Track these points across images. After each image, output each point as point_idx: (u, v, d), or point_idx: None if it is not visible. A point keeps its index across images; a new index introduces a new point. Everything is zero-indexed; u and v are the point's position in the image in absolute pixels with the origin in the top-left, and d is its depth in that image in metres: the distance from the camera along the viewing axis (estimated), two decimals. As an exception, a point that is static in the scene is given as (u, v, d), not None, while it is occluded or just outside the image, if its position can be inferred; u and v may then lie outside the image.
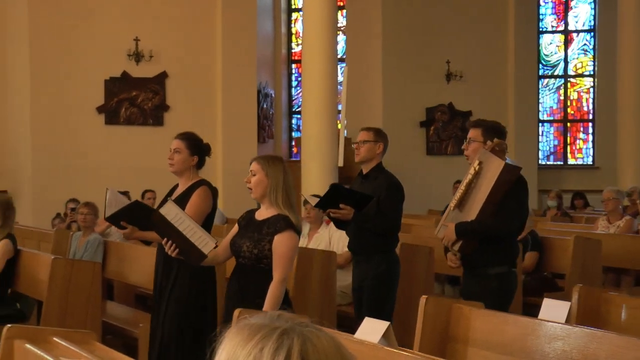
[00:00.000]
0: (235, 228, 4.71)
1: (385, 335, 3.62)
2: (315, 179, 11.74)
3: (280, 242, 4.43)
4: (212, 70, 13.94)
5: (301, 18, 14.47)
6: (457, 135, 15.63)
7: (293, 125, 16.76)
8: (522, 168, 5.18)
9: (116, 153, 13.31)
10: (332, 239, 7.76)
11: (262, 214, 4.58)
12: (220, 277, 5.77)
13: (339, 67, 13.11)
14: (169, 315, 5.17)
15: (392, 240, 5.90)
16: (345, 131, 12.48)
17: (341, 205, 5.61)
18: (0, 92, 13.85)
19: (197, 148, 5.39)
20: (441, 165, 15.44)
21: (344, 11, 15.83)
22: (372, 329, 3.71)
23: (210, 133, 13.82)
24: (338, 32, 13.42)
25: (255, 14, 14.45)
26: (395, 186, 5.82)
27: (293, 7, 16.96)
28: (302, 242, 7.76)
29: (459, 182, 13.90)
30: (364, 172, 5.93)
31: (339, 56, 13.55)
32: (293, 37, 16.85)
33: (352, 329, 5.77)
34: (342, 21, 15.58)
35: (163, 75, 13.76)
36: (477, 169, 5.06)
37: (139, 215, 5.05)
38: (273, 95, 16.05)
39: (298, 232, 4.53)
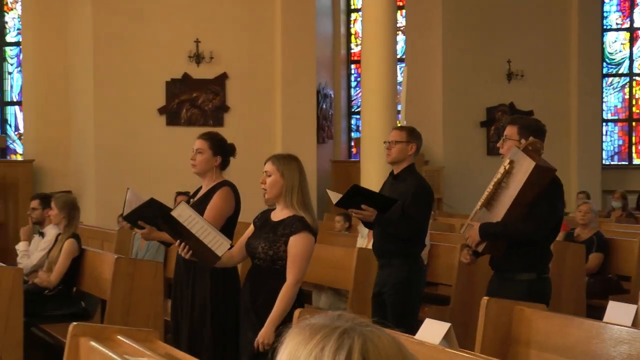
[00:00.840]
0: (251, 229, 4.66)
1: (446, 337, 3.58)
2: (374, 180, 11.65)
3: (296, 244, 4.38)
4: (272, 71, 13.95)
5: (360, 18, 14.44)
6: (519, 135, 15.38)
7: (352, 126, 16.71)
8: (557, 170, 4.96)
9: (177, 154, 13.38)
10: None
11: (278, 215, 4.53)
12: (243, 277, 5.77)
13: (398, 67, 13.02)
14: (190, 317, 5.11)
15: (416, 245, 5.66)
16: (405, 132, 12.38)
17: (363, 207, 5.44)
18: (65, 94, 14.07)
19: (221, 148, 5.29)
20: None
21: (404, 11, 15.72)
22: (432, 330, 3.66)
23: (270, 134, 13.89)
24: (397, 32, 13.33)
25: (314, 14, 14.42)
26: (422, 189, 5.61)
27: (352, 7, 16.92)
28: (363, 243, 7.72)
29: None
30: (395, 172, 5.73)
31: (398, 56, 13.45)
32: (352, 38, 16.81)
33: (412, 330, 5.76)
34: (401, 21, 15.47)
35: (223, 77, 13.83)
36: (507, 167, 4.85)
37: (157, 215, 4.92)
38: (332, 95, 16.03)
39: (314, 233, 4.46)
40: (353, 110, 16.67)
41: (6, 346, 5.65)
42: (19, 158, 14.80)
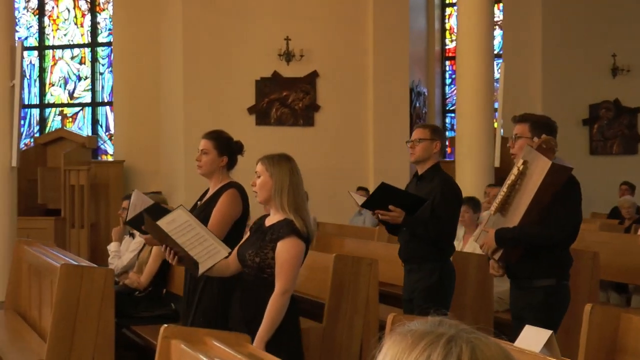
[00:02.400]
0: (248, 235, 4.40)
1: (547, 345, 3.44)
2: (470, 180, 11.42)
3: (283, 250, 4.07)
4: (364, 69, 13.68)
5: (455, 13, 14.06)
6: (624, 134, 14.82)
7: (447, 125, 16.32)
8: (574, 168, 4.57)
9: (267, 153, 13.22)
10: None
11: (271, 219, 4.25)
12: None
13: (495, 63, 12.66)
14: (197, 326, 4.77)
15: (446, 248, 5.39)
16: (502, 130, 12.06)
17: (390, 207, 5.17)
18: (155, 93, 14.09)
19: (226, 147, 5.05)
20: (606, 166, 14.67)
21: (501, 4, 15.30)
22: (533, 338, 3.52)
23: (362, 133, 13.60)
24: (494, 27, 12.95)
25: (407, 10, 14.11)
26: (451, 189, 5.37)
27: (447, 2, 16.55)
28: (457, 246, 7.53)
29: (626, 183, 13.18)
30: (419, 172, 5.47)
31: (495, 52, 13.03)
32: (447, 33, 16.42)
33: (510, 337, 5.42)
34: (498, 15, 15.04)
35: (314, 75, 13.60)
36: (521, 168, 4.51)
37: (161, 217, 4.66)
38: (426, 93, 15.69)
39: (304, 238, 4.12)
40: (448, 108, 16.30)
41: (98, 347, 5.67)
42: (110, 159, 14.90)
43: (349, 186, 5.34)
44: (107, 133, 15.30)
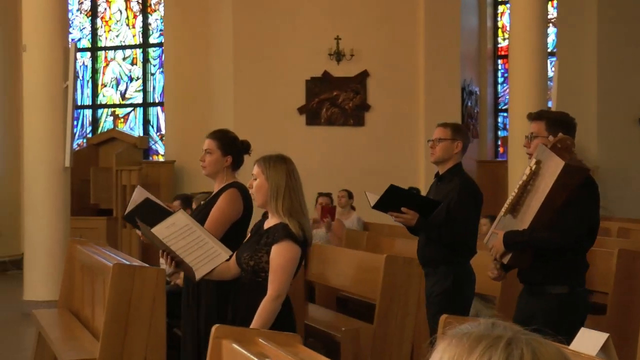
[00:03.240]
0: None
1: (604, 348, 3.31)
2: None
3: (276, 254, 3.96)
4: (414, 68, 13.58)
5: (508, 11, 13.88)
6: (683, 133, 14.46)
7: (499, 124, 16.10)
8: (591, 170, 4.36)
9: (317, 154, 13.21)
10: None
11: (269, 222, 4.13)
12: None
13: (548, 61, 12.49)
14: (198, 333, 4.68)
15: (463, 251, 5.18)
16: (556, 129, 11.81)
17: (403, 209, 5.02)
18: (206, 94, 14.14)
19: (231, 147, 4.89)
20: (661, 165, 14.30)
21: (555, 1, 15.05)
22: (589, 341, 3.38)
23: (413, 132, 13.50)
24: (548, 24, 12.76)
25: (459, 8, 13.98)
26: (469, 190, 5.18)
27: None
28: None
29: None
30: (440, 173, 5.31)
31: (548, 50, 12.84)
32: (499, 31, 16.19)
33: (564, 340, 5.27)
34: (552, 12, 14.81)
35: (364, 74, 13.54)
36: (533, 168, 4.27)
37: (158, 217, 4.53)
38: (478, 92, 15.50)
39: (299, 242, 3.99)
40: (500, 107, 16.08)
41: (150, 346, 5.69)
42: (161, 159, 14.98)
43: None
44: (158, 133, 15.40)
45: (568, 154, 4.25)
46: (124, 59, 15.79)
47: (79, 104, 15.46)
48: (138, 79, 15.64)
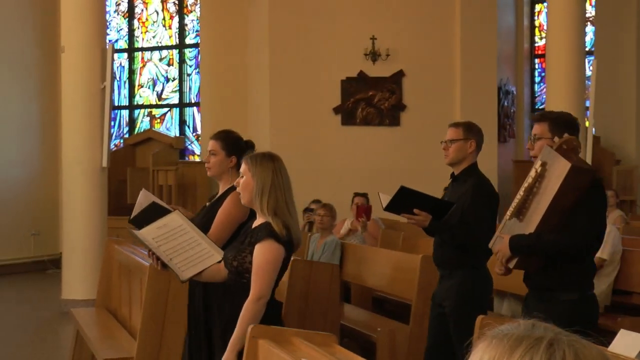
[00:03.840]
0: None
1: None
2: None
3: (258, 254, 3.85)
4: (451, 68, 13.50)
5: (545, 10, 13.76)
6: None
7: (536, 124, 15.96)
8: (597, 171, 4.24)
9: (353, 154, 13.20)
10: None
11: (256, 222, 4.02)
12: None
13: (587, 60, 12.36)
14: (204, 340, 4.49)
15: (479, 254, 4.99)
16: (594, 129, 11.74)
17: (415, 211, 4.89)
18: (242, 94, 14.18)
19: (235, 147, 4.79)
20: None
21: (593, 0, 14.90)
22: (628, 342, 3.35)
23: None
24: (586, 23, 12.63)
25: (495, 7, 13.87)
26: (483, 191, 5.02)
27: (536, -2, 16.22)
28: None
29: None
30: (455, 174, 5.19)
31: (587, 48, 12.71)
32: (536, 30, 16.08)
33: (603, 342, 5.19)
34: (590, 11, 14.66)
35: (400, 74, 13.49)
36: (538, 171, 4.12)
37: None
38: (515, 92, 15.41)
39: (283, 241, 3.87)
40: (537, 107, 15.97)
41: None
42: (197, 159, 15.05)
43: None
44: (194, 133, 15.48)
45: (574, 155, 4.14)
46: (161, 59, 15.89)
47: (116, 104, 15.59)
48: (174, 79, 15.74)
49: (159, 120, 15.88)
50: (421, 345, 5.97)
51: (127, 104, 16.06)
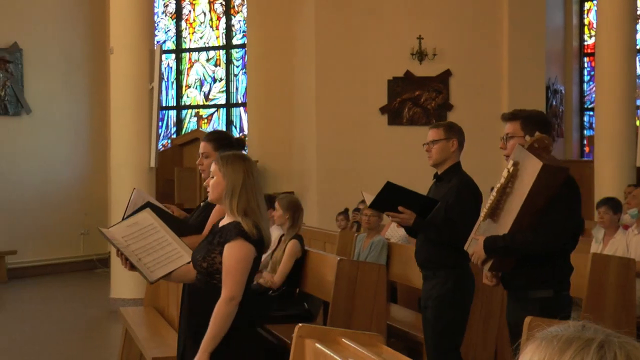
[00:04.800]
0: None
1: None
2: (609, 181, 11.09)
3: (228, 254, 3.78)
4: (498, 67, 13.40)
5: (595, 8, 13.59)
6: None
7: (585, 123, 15.78)
8: (569, 169, 4.11)
9: (399, 154, 13.15)
10: (630, 245, 7.26)
11: (224, 221, 3.96)
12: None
13: (637, 58, 12.19)
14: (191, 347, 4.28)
15: (462, 254, 4.78)
16: (645, 128, 11.57)
17: (400, 208, 4.89)
18: (288, 94, 14.22)
19: (226, 147, 4.70)
20: None
21: (643, -3, 14.67)
22: None
23: (496, 132, 13.28)
24: (637, 21, 12.45)
25: (544, 5, 13.74)
26: (467, 189, 5.00)
27: (586, -4, 16.01)
28: (597, 247, 7.40)
29: None
30: (439, 173, 5.18)
31: (637, 47, 12.53)
32: (586, 29, 15.87)
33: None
34: (641, 8, 14.43)
35: (447, 74, 13.42)
36: (511, 170, 4.07)
37: (162, 219, 4.40)
38: (563, 91, 15.23)
39: (253, 241, 3.80)
40: (586, 106, 15.76)
41: None
42: (244, 159, 15.07)
43: (483, 187, 5.18)
44: (241, 134, 15.54)
45: (546, 154, 4.08)
46: (208, 60, 15.99)
47: (164, 105, 15.72)
48: (221, 80, 15.82)
49: (206, 120, 15.98)
50: (469, 346, 5.94)
51: (175, 105, 16.18)
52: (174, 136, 15.95)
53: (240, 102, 15.59)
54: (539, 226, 4.08)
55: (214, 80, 15.91)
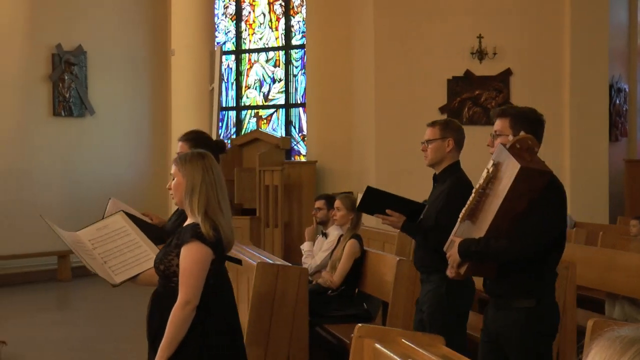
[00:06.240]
0: None
1: None
2: None
3: (184, 256, 3.67)
4: (560, 65, 13.21)
5: (660, 4, 13.30)
6: None
7: (649, 122, 15.47)
8: (552, 172, 3.87)
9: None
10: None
11: (187, 222, 3.86)
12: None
13: None
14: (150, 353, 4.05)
15: None
16: None
17: (388, 212, 4.76)
18: (347, 94, 14.22)
19: (203, 148, 4.46)
20: None
21: None
22: None
23: (557, 131, 13.13)
24: (703, 17, 12.16)
25: (607, 3, 13.51)
26: (458, 192, 4.71)
27: (651, -6, 15.69)
28: None
29: None
30: (437, 174, 5.02)
31: None
32: (650, 27, 15.56)
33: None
34: None
35: (507, 73, 13.28)
36: (490, 171, 3.88)
37: (140, 228, 4.34)
38: (627, 90, 14.96)
39: (210, 243, 3.67)
40: (651, 105, 15.43)
41: (293, 344, 5.80)
42: (303, 159, 15.15)
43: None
44: (300, 134, 15.59)
45: (529, 155, 3.87)
46: (267, 61, 16.07)
47: (224, 105, 15.83)
48: (280, 80, 15.89)
49: (265, 120, 16.06)
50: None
51: (235, 105, 16.29)
52: (234, 137, 16.05)
53: (299, 102, 15.64)
54: (518, 231, 3.86)
55: (274, 80, 15.98)
